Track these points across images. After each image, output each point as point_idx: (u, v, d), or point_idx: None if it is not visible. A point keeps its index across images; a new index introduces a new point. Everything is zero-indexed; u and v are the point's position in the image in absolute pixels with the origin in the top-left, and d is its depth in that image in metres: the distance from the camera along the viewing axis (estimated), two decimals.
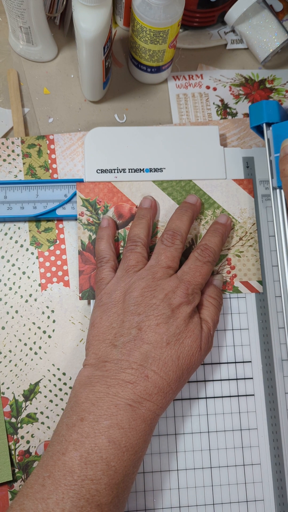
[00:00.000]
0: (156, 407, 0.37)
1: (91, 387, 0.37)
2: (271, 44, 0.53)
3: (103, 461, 0.34)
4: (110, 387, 0.36)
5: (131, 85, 0.54)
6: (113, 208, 0.46)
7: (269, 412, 0.43)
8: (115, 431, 0.35)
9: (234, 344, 0.45)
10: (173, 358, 0.38)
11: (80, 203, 0.46)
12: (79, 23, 0.42)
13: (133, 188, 0.47)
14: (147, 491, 0.42)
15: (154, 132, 0.49)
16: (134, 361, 0.37)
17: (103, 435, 0.34)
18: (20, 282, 0.46)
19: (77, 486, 0.33)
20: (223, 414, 0.43)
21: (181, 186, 0.47)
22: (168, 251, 0.42)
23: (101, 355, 0.38)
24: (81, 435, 0.35)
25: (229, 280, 0.46)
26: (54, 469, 0.34)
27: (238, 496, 0.42)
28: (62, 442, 0.35)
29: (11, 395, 0.43)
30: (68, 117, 0.52)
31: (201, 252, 0.42)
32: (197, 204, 0.46)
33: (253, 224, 0.47)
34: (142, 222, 0.44)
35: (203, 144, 0.49)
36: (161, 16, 0.44)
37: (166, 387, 0.37)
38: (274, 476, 0.42)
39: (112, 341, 0.38)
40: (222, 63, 0.56)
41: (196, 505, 0.42)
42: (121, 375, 0.37)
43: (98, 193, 0.47)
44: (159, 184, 0.47)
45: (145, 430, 0.36)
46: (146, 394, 0.36)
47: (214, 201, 0.47)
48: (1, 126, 0.50)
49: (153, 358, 0.37)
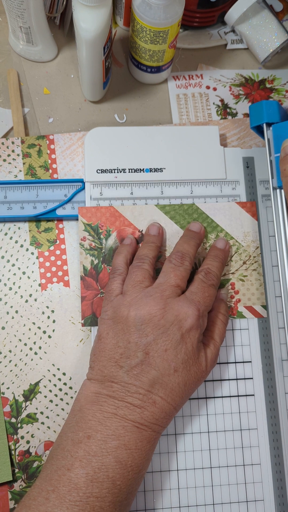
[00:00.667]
0: (160, 428, 0.38)
1: (99, 406, 0.37)
2: (271, 44, 0.53)
3: (109, 480, 0.34)
4: (118, 409, 0.37)
5: (131, 85, 0.54)
6: (115, 233, 0.46)
7: (269, 412, 0.43)
8: (122, 452, 0.35)
9: (234, 344, 0.45)
10: (180, 385, 0.38)
11: (82, 228, 0.46)
12: (79, 23, 0.42)
13: (136, 212, 0.47)
14: (147, 491, 0.42)
15: (154, 132, 0.49)
16: (141, 386, 0.37)
17: (111, 455, 0.35)
18: (20, 282, 0.46)
19: (82, 502, 0.33)
20: (223, 414, 0.43)
21: (184, 210, 0.47)
22: (178, 270, 0.41)
23: (107, 374, 0.38)
24: (88, 453, 0.35)
25: (233, 305, 0.45)
26: (59, 484, 0.34)
27: (238, 496, 0.42)
28: (68, 457, 0.35)
29: (11, 395, 0.43)
30: (68, 117, 0.52)
31: (205, 275, 0.42)
32: (201, 232, 0.45)
33: (256, 247, 0.46)
34: (151, 245, 0.44)
35: (203, 144, 0.49)
36: (161, 16, 0.44)
37: (172, 411, 0.38)
38: (274, 476, 0.42)
39: (118, 362, 0.38)
40: (222, 63, 0.56)
41: (196, 505, 0.42)
42: (129, 399, 0.37)
43: (100, 217, 0.46)
44: (161, 207, 0.47)
45: (149, 449, 0.37)
46: (153, 419, 0.37)
47: (217, 224, 0.47)
48: (1, 126, 0.50)
49: (161, 385, 0.37)
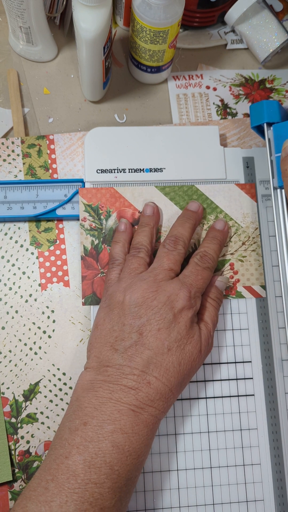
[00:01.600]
0: (157, 412, 0.37)
1: (94, 392, 0.37)
2: (271, 44, 0.53)
3: (107, 465, 0.34)
4: (113, 393, 0.36)
5: (131, 85, 0.54)
6: (115, 213, 0.46)
7: (269, 412, 0.43)
8: (119, 436, 0.35)
9: (234, 344, 0.45)
10: (174, 364, 0.38)
11: (83, 208, 0.46)
12: (79, 23, 0.42)
13: (136, 193, 0.47)
14: (147, 491, 0.42)
15: (154, 132, 0.49)
16: (135, 367, 0.37)
17: (107, 440, 0.35)
18: (20, 282, 0.46)
19: (81, 489, 0.33)
20: (223, 414, 0.43)
21: (183, 191, 0.47)
22: (171, 254, 0.42)
23: (102, 359, 0.38)
24: (85, 439, 0.35)
25: (232, 285, 0.46)
26: (58, 472, 0.34)
27: (238, 496, 0.42)
28: (65, 445, 0.35)
29: (11, 395, 0.43)
30: (68, 117, 0.52)
31: (200, 258, 0.42)
32: (199, 211, 0.46)
33: (255, 228, 0.47)
34: (145, 230, 0.44)
35: (203, 144, 0.49)
36: (161, 16, 0.44)
37: (167, 393, 0.37)
38: (274, 476, 0.42)
39: (113, 345, 0.38)
40: (222, 63, 0.56)
41: (196, 505, 0.42)
42: (123, 381, 0.37)
43: (101, 198, 0.46)
44: (161, 189, 0.47)
45: (147, 434, 0.36)
46: (148, 400, 0.36)
47: (217, 205, 0.47)
48: (1, 126, 0.50)
49: (155, 364, 0.37)
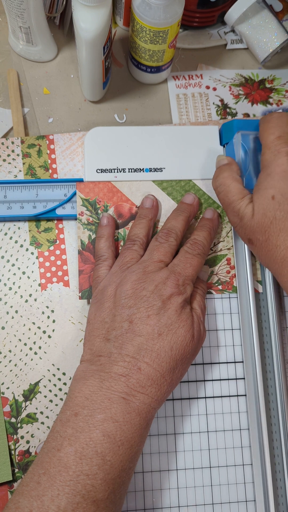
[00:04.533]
0: (150, 400, 0.36)
1: (84, 381, 0.37)
2: (271, 44, 0.53)
3: (98, 455, 0.33)
4: (104, 381, 0.36)
5: (131, 85, 0.54)
6: (113, 208, 0.46)
7: (268, 411, 0.43)
8: (110, 425, 0.34)
9: (234, 344, 0.45)
10: (165, 349, 0.37)
11: (80, 203, 0.46)
12: (79, 23, 0.42)
13: (133, 188, 0.47)
14: (146, 491, 0.42)
15: (154, 132, 0.49)
16: (126, 354, 0.37)
17: (98, 429, 0.34)
18: (20, 282, 0.46)
19: (73, 482, 0.32)
20: (222, 414, 0.43)
21: (180, 186, 0.47)
22: (162, 246, 0.42)
23: (95, 350, 0.38)
24: (76, 430, 0.34)
25: (229, 280, 0.46)
26: (49, 465, 0.33)
27: (237, 496, 0.42)
28: (57, 438, 0.35)
29: (11, 395, 0.43)
30: (68, 117, 0.52)
31: (190, 246, 0.43)
32: (194, 204, 0.46)
33: None
34: (142, 222, 0.44)
35: (203, 144, 0.49)
36: (161, 16, 0.44)
37: (159, 379, 0.37)
38: (273, 476, 0.42)
39: (105, 336, 0.38)
40: (222, 63, 0.56)
41: (195, 504, 0.42)
42: (114, 368, 0.37)
43: (98, 192, 0.47)
44: (158, 184, 0.47)
45: (140, 423, 0.36)
46: (139, 387, 0.36)
47: (214, 201, 0.47)
48: (1, 126, 0.50)
49: (146, 350, 0.37)
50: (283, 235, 0.38)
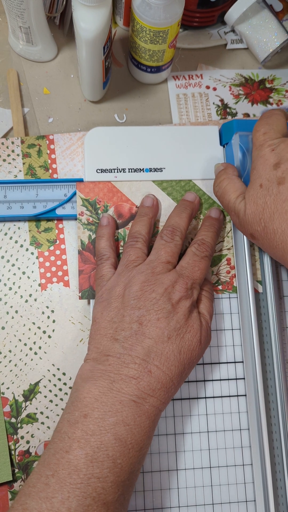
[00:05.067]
0: (159, 403, 0.36)
1: (94, 381, 0.36)
2: (271, 44, 0.53)
3: (110, 459, 0.33)
4: (114, 382, 0.36)
5: (131, 85, 0.54)
6: (113, 208, 0.46)
7: (268, 412, 0.43)
8: (121, 428, 0.34)
9: (233, 344, 0.45)
10: (174, 353, 0.37)
11: (80, 203, 0.46)
12: (79, 23, 0.42)
13: (133, 188, 0.47)
14: (146, 491, 0.42)
15: (154, 132, 0.49)
16: (136, 356, 0.37)
17: (109, 433, 0.34)
18: (20, 282, 0.46)
19: (83, 484, 0.32)
20: (223, 414, 0.43)
21: (181, 186, 0.47)
22: (168, 246, 0.42)
23: (102, 349, 0.38)
24: (86, 433, 0.34)
25: (229, 280, 0.46)
26: (58, 467, 0.33)
27: (237, 496, 0.42)
28: (65, 439, 0.34)
29: (11, 395, 0.43)
30: (68, 117, 0.52)
31: (198, 247, 0.42)
32: (195, 202, 0.46)
33: None
34: (144, 219, 0.44)
35: (203, 144, 0.49)
36: (161, 16, 0.44)
37: (168, 382, 0.37)
38: (274, 476, 0.42)
39: (114, 335, 0.38)
40: (222, 63, 0.56)
41: (195, 505, 0.42)
42: (124, 370, 0.36)
43: (98, 192, 0.47)
44: (158, 184, 0.47)
45: (149, 426, 0.36)
46: (149, 390, 0.36)
47: (214, 201, 0.47)
48: (1, 126, 0.50)
49: (155, 353, 0.37)
50: (278, 219, 0.38)
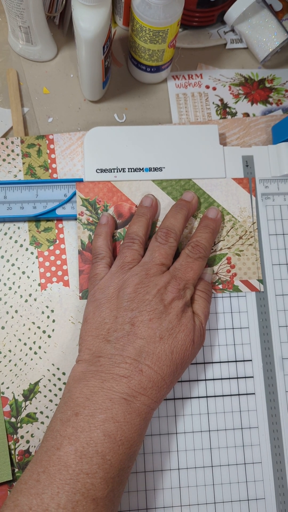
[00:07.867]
0: (150, 401, 0.37)
1: (85, 382, 0.37)
2: (271, 43, 0.53)
3: (99, 455, 0.34)
4: (105, 382, 0.36)
5: (131, 84, 0.54)
6: (112, 208, 0.46)
7: (269, 410, 0.43)
8: (110, 425, 0.35)
9: (234, 343, 0.45)
10: (166, 353, 0.38)
11: (80, 203, 0.46)
12: (78, 23, 0.42)
13: (133, 188, 0.47)
14: (148, 490, 0.41)
15: (154, 131, 0.49)
16: (128, 356, 0.37)
17: (98, 429, 0.34)
18: (20, 282, 0.46)
19: (73, 480, 0.33)
20: (224, 413, 0.43)
21: (180, 185, 0.47)
22: (162, 248, 0.42)
23: (95, 351, 0.38)
24: (76, 430, 0.34)
25: (229, 279, 0.46)
26: (49, 464, 0.33)
27: (239, 495, 0.42)
28: (57, 437, 0.35)
29: (11, 395, 0.43)
30: (67, 117, 0.52)
31: (192, 249, 0.43)
32: (193, 201, 0.46)
33: (253, 223, 0.47)
34: (141, 220, 0.44)
35: (202, 143, 0.49)
36: (161, 15, 0.44)
37: (160, 381, 0.37)
38: (275, 474, 0.42)
39: (106, 337, 0.38)
40: (221, 63, 0.56)
41: (197, 503, 0.41)
42: (115, 370, 0.37)
43: (98, 192, 0.47)
44: (158, 183, 0.47)
45: (140, 424, 0.36)
46: (140, 389, 0.36)
47: (214, 200, 0.47)
48: (1, 126, 0.50)
49: (147, 353, 0.37)
50: None
